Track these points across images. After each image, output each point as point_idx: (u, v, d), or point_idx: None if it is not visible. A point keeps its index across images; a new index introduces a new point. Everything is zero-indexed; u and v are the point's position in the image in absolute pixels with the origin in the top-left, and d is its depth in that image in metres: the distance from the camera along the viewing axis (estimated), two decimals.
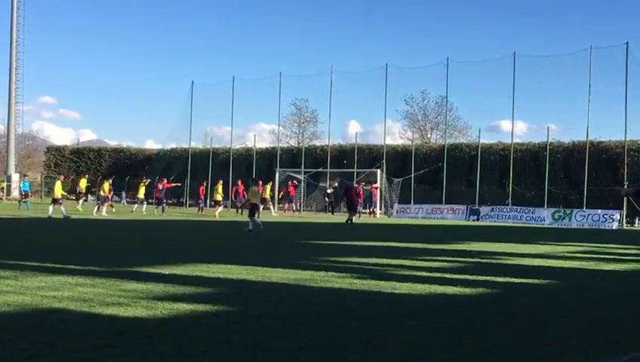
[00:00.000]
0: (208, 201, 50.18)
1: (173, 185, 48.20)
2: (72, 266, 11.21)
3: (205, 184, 47.81)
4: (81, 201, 43.23)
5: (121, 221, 30.23)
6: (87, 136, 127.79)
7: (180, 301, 8.19)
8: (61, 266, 11.20)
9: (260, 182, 42.48)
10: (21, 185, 46.72)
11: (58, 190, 32.46)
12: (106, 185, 37.96)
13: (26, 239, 18.78)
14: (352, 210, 33.41)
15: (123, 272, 10.66)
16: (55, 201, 31.93)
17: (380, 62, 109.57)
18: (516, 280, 11.55)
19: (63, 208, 31.28)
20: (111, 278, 9.92)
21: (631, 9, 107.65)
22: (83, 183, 46.28)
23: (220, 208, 40.61)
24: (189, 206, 56.18)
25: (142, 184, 43.35)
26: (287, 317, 7.56)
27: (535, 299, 9.68)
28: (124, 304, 7.92)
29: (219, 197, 41.64)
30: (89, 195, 47.70)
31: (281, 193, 50.43)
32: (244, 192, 40.79)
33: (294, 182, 47.40)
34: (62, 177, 37.74)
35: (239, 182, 45.39)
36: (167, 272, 10.91)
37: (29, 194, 46.31)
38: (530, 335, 7.03)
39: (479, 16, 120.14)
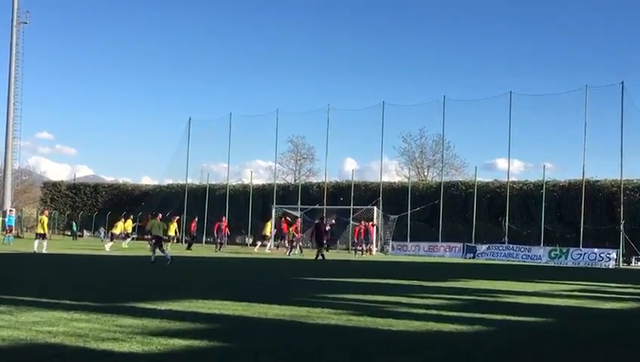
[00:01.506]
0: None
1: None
2: (67, 301, 11.14)
3: (196, 220, 47.53)
4: (128, 240, 44.59)
5: (122, 257, 30.12)
6: (83, 172, 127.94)
7: (175, 337, 8.13)
8: (56, 301, 11.14)
9: (286, 220, 42.97)
10: (6, 219, 46.75)
11: (44, 225, 32.70)
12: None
13: (20, 274, 18.67)
14: (320, 245, 33.45)
15: (118, 307, 10.61)
16: (40, 236, 32.13)
17: (376, 99, 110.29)
18: (513, 318, 11.50)
19: (39, 243, 31.40)
20: (106, 313, 9.86)
21: (626, 49, 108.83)
22: (129, 224, 46.94)
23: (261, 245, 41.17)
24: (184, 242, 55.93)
25: (173, 221, 44.49)
26: (283, 354, 7.51)
27: (532, 338, 9.63)
28: (119, 339, 7.86)
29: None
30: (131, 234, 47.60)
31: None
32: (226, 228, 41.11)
33: (287, 218, 47.33)
34: (46, 212, 37.92)
35: (223, 218, 45.60)
36: (163, 308, 10.85)
37: (13, 229, 46.41)
38: None
39: (476, 55, 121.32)
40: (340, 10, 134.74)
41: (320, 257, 32.09)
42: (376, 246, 50.43)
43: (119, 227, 43.54)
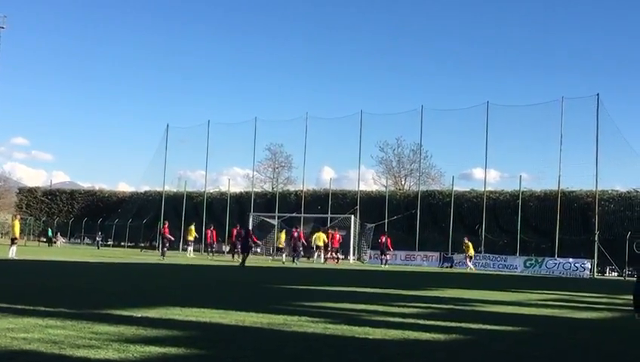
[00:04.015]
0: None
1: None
2: (43, 308, 11.04)
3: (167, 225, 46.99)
4: (190, 249, 45.03)
5: (98, 263, 29.90)
6: (59, 178, 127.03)
7: (151, 344, 8.09)
8: (31, 308, 11.04)
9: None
10: None
11: (17, 230, 32.69)
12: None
13: None
14: (245, 252, 33.31)
15: (94, 314, 10.53)
16: (13, 241, 31.94)
17: (355, 108, 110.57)
18: (489, 327, 11.56)
19: (14, 248, 31.16)
20: (82, 320, 9.79)
21: (602, 61, 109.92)
22: (192, 232, 46.70)
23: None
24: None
25: (190, 228, 45.48)
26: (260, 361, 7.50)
27: (508, 347, 9.68)
28: (95, 346, 7.80)
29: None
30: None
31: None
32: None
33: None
34: (19, 217, 37.76)
35: (238, 226, 44.84)
36: (139, 315, 10.79)
37: None
38: None
39: (453, 65, 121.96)
40: (319, 19, 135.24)
41: (242, 265, 31.98)
42: (354, 255, 50.49)
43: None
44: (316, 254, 45.49)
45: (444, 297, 18.28)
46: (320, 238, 45.07)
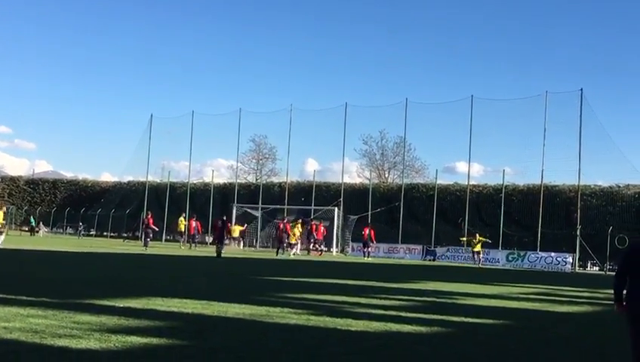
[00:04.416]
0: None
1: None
2: (25, 297, 11.00)
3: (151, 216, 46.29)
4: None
5: (84, 253, 29.77)
6: (42, 167, 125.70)
7: (133, 334, 8.08)
8: (13, 297, 10.99)
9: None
10: None
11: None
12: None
13: None
14: (220, 243, 33.27)
15: (76, 304, 10.50)
16: None
17: (339, 100, 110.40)
18: (471, 320, 11.63)
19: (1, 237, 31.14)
20: (63, 310, 9.76)
21: (585, 57, 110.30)
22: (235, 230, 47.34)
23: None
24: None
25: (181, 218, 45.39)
26: (242, 353, 7.51)
27: (489, 340, 9.75)
28: (76, 336, 7.79)
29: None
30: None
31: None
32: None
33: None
34: (4, 208, 37.52)
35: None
36: (121, 305, 10.76)
37: None
38: None
39: (438, 59, 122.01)
40: (304, 11, 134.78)
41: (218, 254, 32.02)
42: (337, 247, 50.53)
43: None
44: (294, 246, 45.57)
45: (426, 290, 18.36)
46: (296, 230, 45.20)
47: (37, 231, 61.20)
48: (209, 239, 53.91)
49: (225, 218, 36.15)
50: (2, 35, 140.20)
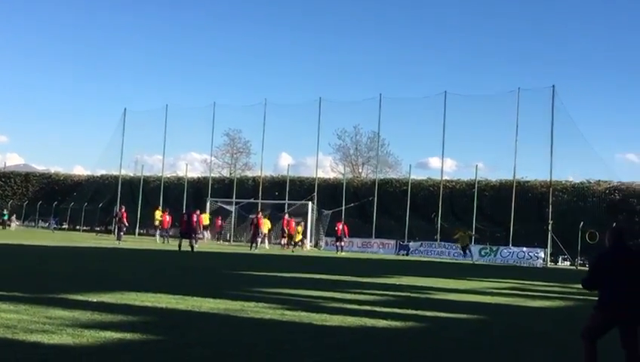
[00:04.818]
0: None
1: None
2: None
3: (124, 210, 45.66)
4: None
5: (57, 247, 29.48)
6: (14, 161, 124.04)
7: (107, 329, 8.03)
8: None
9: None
10: None
11: None
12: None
13: None
14: (190, 237, 32.60)
15: (48, 299, 10.40)
16: None
17: (314, 95, 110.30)
18: (445, 315, 11.69)
19: None
20: (36, 305, 9.66)
21: (557, 53, 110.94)
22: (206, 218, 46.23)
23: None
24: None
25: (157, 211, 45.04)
26: (217, 347, 7.49)
27: (463, 334, 9.81)
28: (49, 331, 7.72)
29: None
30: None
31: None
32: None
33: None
34: None
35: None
36: (95, 300, 10.68)
37: None
38: None
39: (411, 53, 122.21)
40: (278, 4, 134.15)
41: (189, 249, 31.45)
42: (310, 241, 50.51)
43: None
44: (263, 240, 45.56)
45: (400, 285, 18.42)
46: (265, 224, 45.21)
47: (9, 225, 60.48)
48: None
49: (191, 211, 35.45)
50: None
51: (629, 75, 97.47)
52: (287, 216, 47.84)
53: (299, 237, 44.35)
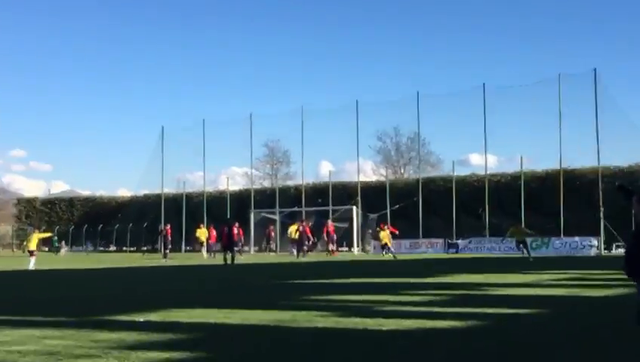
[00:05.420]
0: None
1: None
2: (40, 318, 10.59)
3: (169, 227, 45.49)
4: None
5: (103, 269, 29.43)
6: (59, 188, 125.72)
7: (154, 349, 7.63)
8: (29, 319, 10.58)
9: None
10: None
11: (34, 242, 32.45)
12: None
13: None
14: (229, 250, 32.02)
15: (94, 321, 10.07)
16: (31, 253, 31.80)
17: (350, 98, 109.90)
18: (508, 311, 11.12)
19: (33, 260, 31.00)
20: (81, 329, 9.32)
21: (598, 36, 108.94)
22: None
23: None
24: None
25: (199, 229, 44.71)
26: (269, 361, 7.04)
27: (529, 330, 9.23)
28: (94, 355, 7.35)
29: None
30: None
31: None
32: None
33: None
34: (37, 230, 37.53)
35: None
36: (141, 319, 10.32)
37: None
38: None
39: (447, 46, 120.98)
40: (308, 9, 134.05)
41: (229, 261, 31.12)
42: (357, 246, 50.05)
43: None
44: (307, 248, 45.31)
45: (454, 283, 17.84)
46: (293, 231, 44.99)
47: (59, 251, 61.00)
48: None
49: (231, 223, 35.18)
50: (9, 59, 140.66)
51: None
52: (329, 222, 47.52)
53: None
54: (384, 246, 38.92)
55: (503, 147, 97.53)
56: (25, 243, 32.72)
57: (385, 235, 41.12)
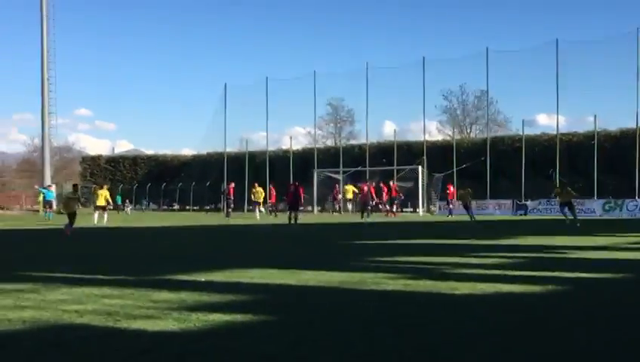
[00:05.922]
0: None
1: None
2: (100, 276, 10.33)
3: (232, 186, 45.18)
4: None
5: (166, 228, 29.48)
6: (123, 147, 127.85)
7: (215, 311, 7.25)
8: (89, 276, 10.34)
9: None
10: (45, 194, 45.95)
11: (102, 198, 33.60)
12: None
13: (55, 250, 17.81)
14: (294, 210, 31.73)
15: (155, 281, 9.77)
16: (100, 208, 33.25)
17: (416, 55, 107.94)
18: (586, 275, 10.43)
19: (99, 215, 31.64)
20: (141, 288, 9.02)
21: None
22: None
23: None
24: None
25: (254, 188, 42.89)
26: (334, 326, 6.58)
27: (613, 296, 8.58)
28: (153, 316, 7.01)
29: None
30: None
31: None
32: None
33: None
34: (105, 186, 38.05)
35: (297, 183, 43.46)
36: (203, 279, 9.98)
37: (52, 204, 45.77)
38: (620, 336, 5.97)
39: (518, 2, 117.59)
40: None
41: (293, 221, 30.91)
42: (422, 206, 49.31)
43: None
44: (349, 206, 44.98)
45: (525, 245, 17.12)
46: (349, 191, 44.62)
47: (123, 209, 61.75)
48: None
49: (297, 183, 34.93)
50: (75, 21, 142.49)
51: None
52: (394, 182, 46.87)
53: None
54: (466, 207, 37.45)
55: (572, 107, 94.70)
56: (93, 199, 33.32)
57: (464, 194, 39.38)
